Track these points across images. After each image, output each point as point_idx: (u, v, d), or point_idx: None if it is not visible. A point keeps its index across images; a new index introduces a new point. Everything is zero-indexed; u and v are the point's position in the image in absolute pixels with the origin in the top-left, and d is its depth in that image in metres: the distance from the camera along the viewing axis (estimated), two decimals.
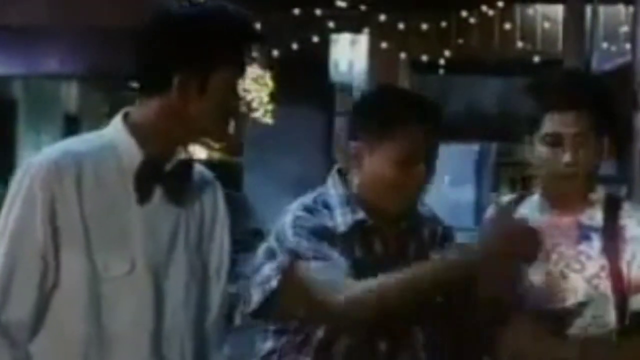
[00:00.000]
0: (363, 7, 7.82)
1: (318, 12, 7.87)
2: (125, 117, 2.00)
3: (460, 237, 2.57)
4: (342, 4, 7.64)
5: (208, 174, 2.15)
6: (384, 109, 2.30)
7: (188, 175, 2.01)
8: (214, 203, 2.13)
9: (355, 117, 2.34)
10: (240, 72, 1.99)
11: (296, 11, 7.73)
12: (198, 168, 2.11)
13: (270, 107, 10.63)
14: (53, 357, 1.93)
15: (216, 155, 16.36)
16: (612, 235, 2.32)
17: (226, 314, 2.19)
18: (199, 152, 16.99)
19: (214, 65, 1.93)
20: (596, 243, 2.32)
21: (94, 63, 8.44)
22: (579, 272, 2.32)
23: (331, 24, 8.06)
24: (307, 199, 2.35)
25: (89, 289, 1.91)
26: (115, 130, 1.99)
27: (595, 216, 2.35)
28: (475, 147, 11.05)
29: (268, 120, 10.71)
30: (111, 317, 1.92)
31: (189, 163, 2.02)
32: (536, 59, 7.88)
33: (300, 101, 9.14)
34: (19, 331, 1.89)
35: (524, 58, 7.88)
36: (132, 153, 1.95)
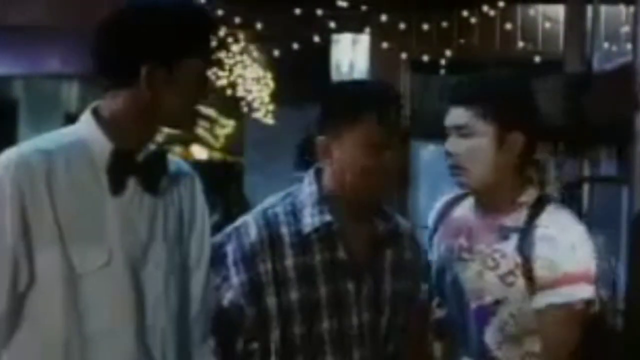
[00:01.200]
0: (364, 8, 7.81)
1: (319, 12, 7.86)
2: (95, 111, 2.01)
3: None
4: (343, 4, 7.63)
5: (185, 166, 2.17)
6: (343, 101, 2.30)
7: (162, 165, 2.01)
8: (192, 194, 2.14)
9: (320, 111, 2.35)
10: (206, 61, 2.01)
11: (297, 11, 7.72)
12: (175, 160, 2.12)
13: (271, 107, 10.63)
14: (34, 354, 1.92)
15: (217, 156, 16.35)
16: (527, 234, 2.34)
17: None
18: (199, 152, 16.98)
19: (180, 55, 1.94)
20: (512, 242, 2.35)
21: None
22: (493, 269, 2.36)
23: (332, 24, 8.05)
24: (274, 200, 2.37)
25: (66, 285, 1.91)
26: (85, 125, 2.01)
27: (520, 218, 2.38)
28: None
29: (269, 120, 10.71)
30: (91, 312, 1.92)
31: (162, 153, 2.02)
32: (537, 59, 7.87)
33: (301, 101, 9.13)
34: None
35: (524, 58, 7.86)
36: (101, 146, 1.96)
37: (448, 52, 8.10)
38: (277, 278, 2.28)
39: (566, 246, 2.29)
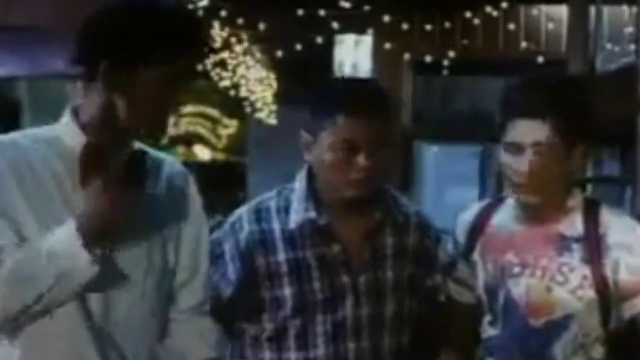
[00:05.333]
0: (367, 8, 7.82)
1: (322, 12, 7.86)
2: (74, 110, 2.02)
3: None
4: (346, 5, 7.64)
5: (179, 167, 2.16)
6: (324, 99, 2.31)
7: (141, 166, 1.98)
8: (184, 196, 2.13)
9: (307, 108, 2.36)
10: (173, 73, 1.94)
11: (300, 12, 7.72)
12: (168, 162, 2.12)
13: (274, 107, 10.63)
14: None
15: (220, 156, 16.35)
16: (593, 243, 2.29)
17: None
18: (202, 152, 16.99)
19: (142, 60, 1.91)
20: (577, 253, 2.30)
21: None
22: (562, 284, 2.30)
23: (335, 25, 8.05)
24: (269, 195, 2.39)
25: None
26: (63, 123, 2.03)
27: (575, 224, 2.33)
28: (478, 148, 11.06)
29: (272, 120, 10.71)
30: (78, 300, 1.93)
31: (141, 154, 1.99)
32: (540, 59, 7.86)
33: (304, 102, 9.14)
34: None
35: (528, 58, 7.86)
36: (77, 140, 1.96)
37: (451, 53, 8.10)
38: (269, 272, 2.30)
39: None
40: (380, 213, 2.34)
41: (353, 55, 8.55)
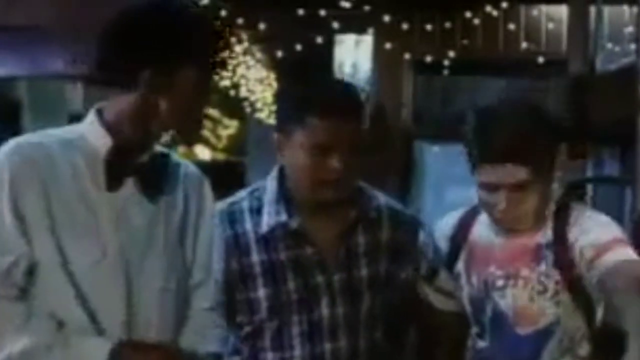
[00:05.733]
0: (367, 8, 7.81)
1: (322, 12, 7.86)
2: (98, 110, 2.02)
3: None
4: (346, 5, 7.64)
5: (193, 169, 2.17)
6: (297, 97, 2.30)
7: (163, 169, 2.01)
8: (200, 197, 2.13)
9: (277, 108, 2.38)
10: (206, 73, 1.99)
11: (300, 12, 7.72)
12: (184, 162, 2.13)
13: (274, 107, 10.61)
14: None
15: (220, 156, 16.34)
16: (559, 246, 2.31)
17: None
18: (202, 152, 16.99)
19: (180, 62, 1.94)
20: (550, 259, 2.32)
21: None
22: (542, 293, 2.32)
23: (335, 25, 8.05)
24: (242, 194, 2.38)
25: (62, 277, 1.93)
26: (87, 123, 2.03)
27: (548, 231, 2.34)
28: None
29: (272, 121, 10.69)
30: (84, 305, 1.94)
31: (164, 157, 2.03)
32: (540, 59, 7.87)
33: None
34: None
35: (528, 59, 7.87)
36: (102, 141, 1.98)
37: (451, 53, 8.10)
38: (243, 274, 2.30)
39: (602, 222, 2.29)
40: (354, 212, 2.33)
41: (353, 55, 8.55)
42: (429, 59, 8.16)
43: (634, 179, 5.41)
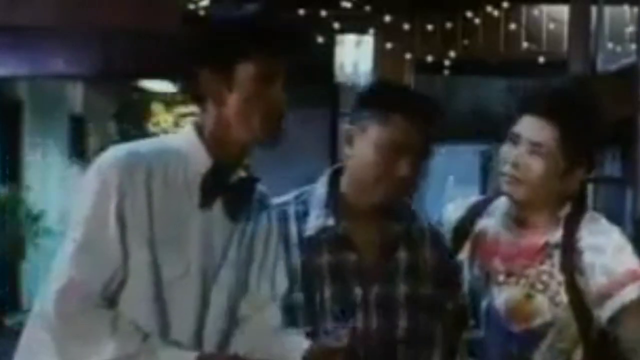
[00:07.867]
0: (368, 8, 7.82)
1: (323, 13, 7.86)
2: (197, 125, 2.03)
3: None
4: (348, 5, 7.64)
5: (266, 194, 2.17)
6: (382, 96, 2.30)
7: (249, 192, 2.04)
8: (268, 224, 2.14)
9: (355, 103, 2.33)
10: (268, 66, 1.99)
11: (301, 12, 7.72)
12: (260, 188, 2.13)
13: None
14: None
15: None
16: (568, 249, 2.30)
17: None
18: None
19: (235, 58, 1.95)
20: (556, 260, 2.31)
21: (100, 64, 8.44)
22: (543, 292, 2.31)
23: (336, 25, 8.05)
24: (285, 199, 2.36)
25: (149, 289, 1.94)
26: (185, 137, 2.03)
27: (559, 232, 2.33)
28: (480, 147, 11.06)
29: None
30: (160, 316, 1.95)
31: (252, 180, 2.06)
32: (541, 59, 7.86)
33: (305, 102, 9.14)
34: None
35: (529, 59, 7.87)
36: (201, 159, 1.99)
37: (452, 53, 8.10)
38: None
39: (617, 243, 2.27)
40: (399, 226, 2.31)
41: (354, 55, 8.54)
42: (429, 59, 8.16)
43: (634, 179, 5.42)
